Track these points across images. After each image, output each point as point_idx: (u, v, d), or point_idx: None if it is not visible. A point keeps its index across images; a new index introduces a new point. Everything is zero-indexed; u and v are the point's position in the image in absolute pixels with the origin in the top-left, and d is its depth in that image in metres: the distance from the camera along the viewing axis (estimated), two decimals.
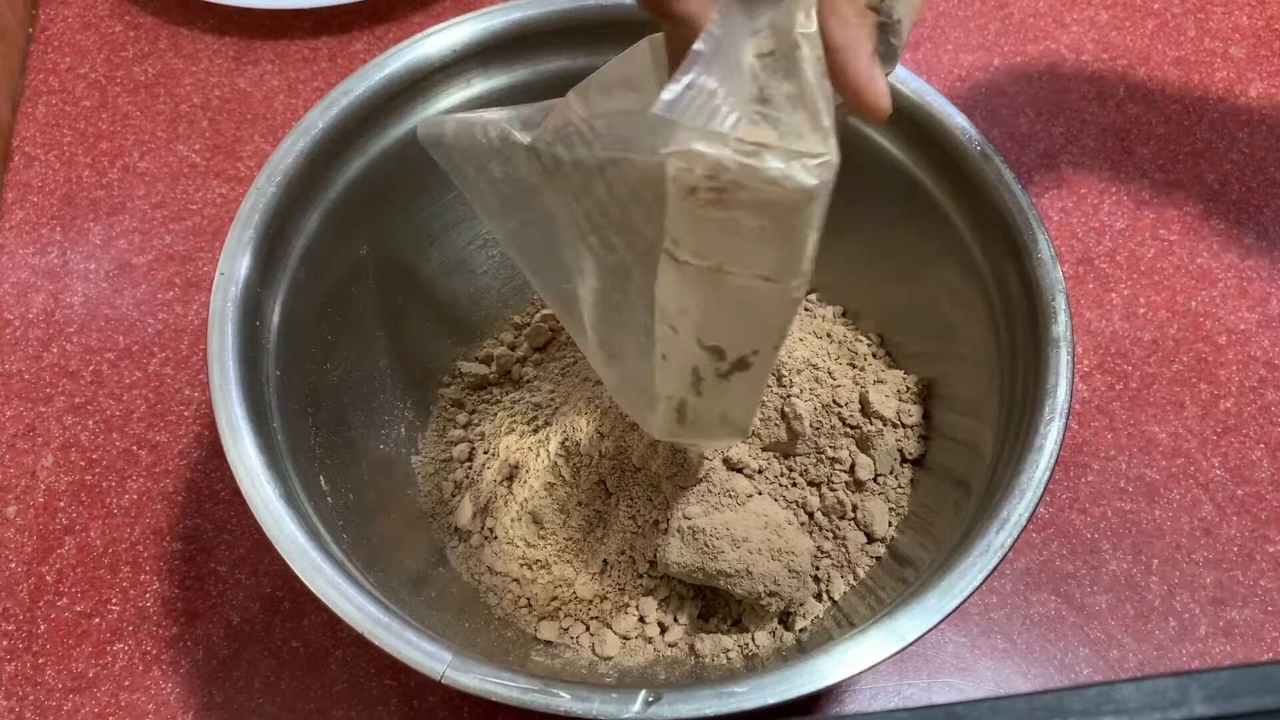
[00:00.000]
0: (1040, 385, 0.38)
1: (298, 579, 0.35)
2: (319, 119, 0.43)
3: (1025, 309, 0.40)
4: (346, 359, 0.46)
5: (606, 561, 0.45)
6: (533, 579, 0.45)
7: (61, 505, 0.50)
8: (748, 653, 0.43)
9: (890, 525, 0.45)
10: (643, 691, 0.33)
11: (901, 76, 0.44)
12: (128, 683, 0.46)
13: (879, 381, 0.47)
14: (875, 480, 0.46)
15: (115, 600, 0.48)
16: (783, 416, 0.46)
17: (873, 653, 0.34)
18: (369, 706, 0.45)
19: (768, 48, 0.27)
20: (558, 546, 0.46)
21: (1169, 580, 0.48)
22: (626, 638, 0.44)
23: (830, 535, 0.45)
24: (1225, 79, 0.63)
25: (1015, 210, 0.41)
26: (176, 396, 0.52)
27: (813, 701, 0.34)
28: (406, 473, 0.48)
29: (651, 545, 0.44)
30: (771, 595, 0.42)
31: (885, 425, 0.46)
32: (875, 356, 0.49)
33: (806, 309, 0.51)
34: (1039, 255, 0.40)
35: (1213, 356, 0.54)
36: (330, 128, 0.43)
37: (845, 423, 0.46)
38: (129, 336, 0.54)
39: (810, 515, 0.45)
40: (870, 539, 0.45)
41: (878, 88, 0.29)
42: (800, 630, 0.44)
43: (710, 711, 0.33)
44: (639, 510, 0.45)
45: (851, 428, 0.46)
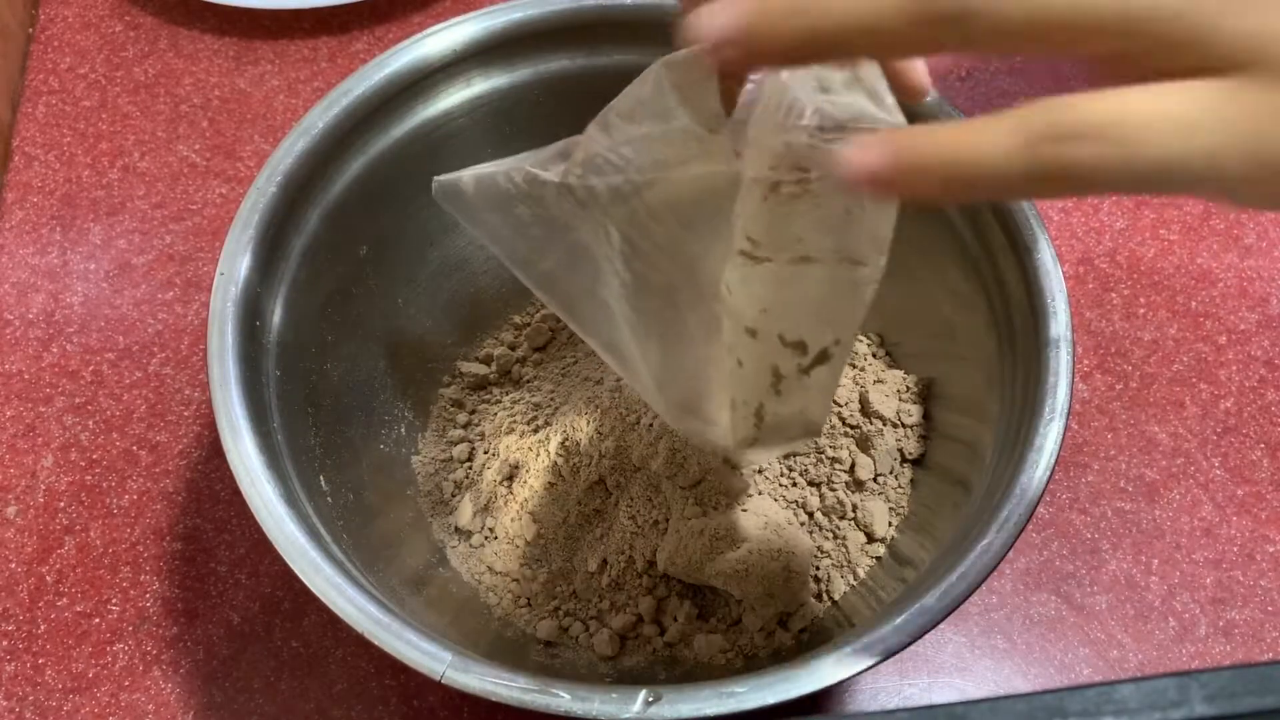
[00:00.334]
0: (1040, 385, 0.38)
1: (298, 579, 0.35)
2: (319, 119, 0.43)
3: (1025, 309, 0.40)
4: (346, 359, 0.46)
5: (606, 561, 0.45)
6: (533, 579, 0.45)
7: (61, 505, 0.50)
8: (747, 653, 0.43)
9: (890, 525, 0.45)
10: (643, 691, 0.33)
11: None
12: (128, 683, 0.46)
13: (879, 381, 0.47)
14: (875, 480, 0.46)
15: (115, 600, 0.48)
16: None
17: (873, 653, 0.34)
18: (369, 706, 0.45)
19: None
20: (558, 546, 0.46)
21: (1169, 580, 0.48)
22: (626, 637, 0.44)
23: (830, 535, 0.45)
24: None
25: (1015, 210, 0.41)
26: (176, 396, 0.52)
27: (813, 701, 0.34)
28: (406, 473, 0.48)
29: (651, 545, 0.44)
30: (771, 595, 0.42)
31: (885, 425, 0.46)
32: (875, 356, 0.49)
33: None
34: (1039, 255, 0.40)
35: (1213, 356, 0.54)
36: (330, 128, 0.43)
37: (845, 422, 0.46)
38: (129, 336, 0.54)
39: (810, 515, 0.45)
40: (870, 539, 0.45)
41: (918, 65, 0.30)
42: (800, 630, 0.44)
43: (710, 711, 0.33)
44: (639, 510, 0.45)
45: (851, 427, 0.46)
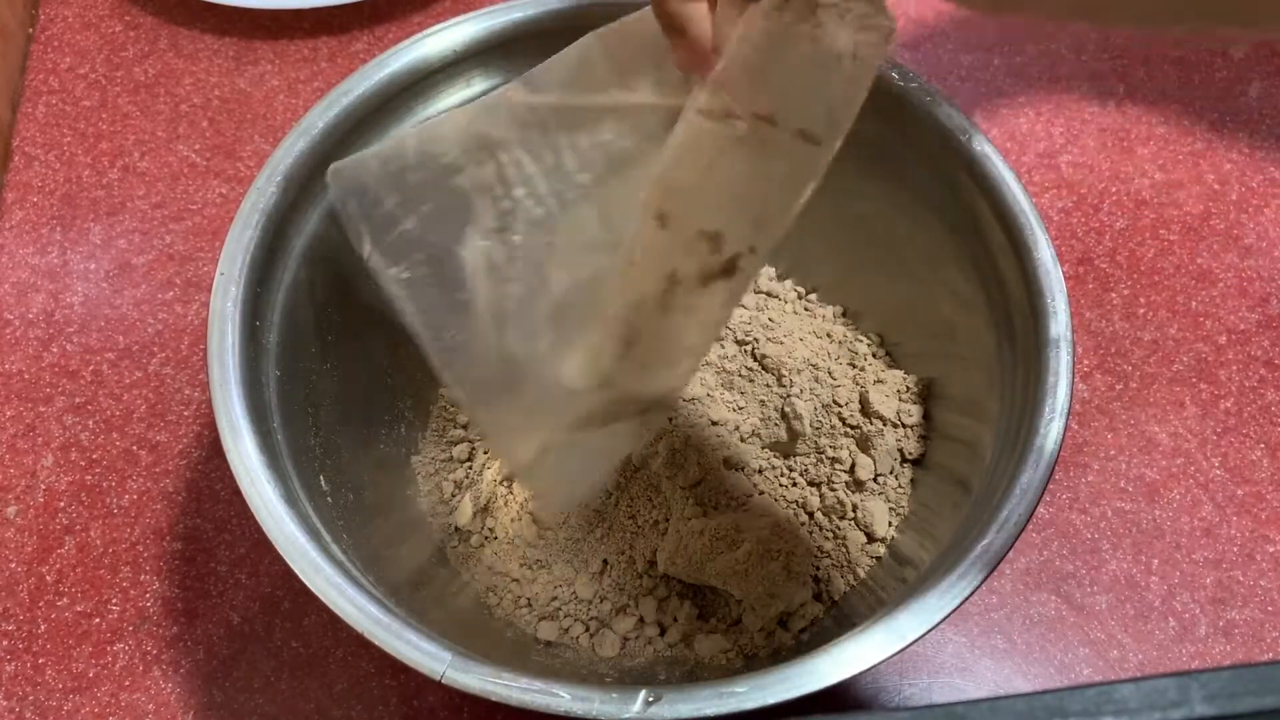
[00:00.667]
0: (1040, 385, 0.38)
1: (298, 579, 0.35)
2: (319, 119, 0.43)
3: (1025, 309, 0.40)
4: (347, 359, 0.46)
5: (606, 561, 0.45)
6: (533, 579, 0.45)
7: (61, 505, 0.50)
8: (747, 653, 0.43)
9: (890, 525, 0.45)
10: (643, 691, 0.33)
11: (900, 76, 0.44)
12: (128, 683, 0.46)
13: (879, 381, 0.47)
14: (875, 480, 0.46)
15: (115, 600, 0.48)
16: (783, 416, 0.46)
17: (873, 653, 0.34)
18: (369, 706, 0.45)
19: None
20: (558, 546, 0.46)
21: (1169, 580, 0.48)
22: (626, 638, 0.44)
23: (830, 535, 0.45)
24: (1225, 79, 0.63)
25: (1015, 210, 0.41)
26: (176, 396, 0.52)
27: (813, 701, 0.34)
28: (406, 473, 0.48)
29: (651, 545, 0.44)
30: (771, 595, 0.42)
31: (885, 425, 0.46)
32: (875, 356, 0.49)
33: (806, 309, 0.51)
34: (1039, 255, 0.40)
35: (1213, 356, 0.54)
36: (330, 128, 0.43)
37: (845, 423, 0.46)
38: (129, 336, 0.54)
39: (810, 515, 0.45)
40: (870, 539, 0.45)
41: None
42: (800, 630, 0.44)
43: (710, 711, 0.33)
44: (639, 510, 0.45)
45: (851, 428, 0.46)
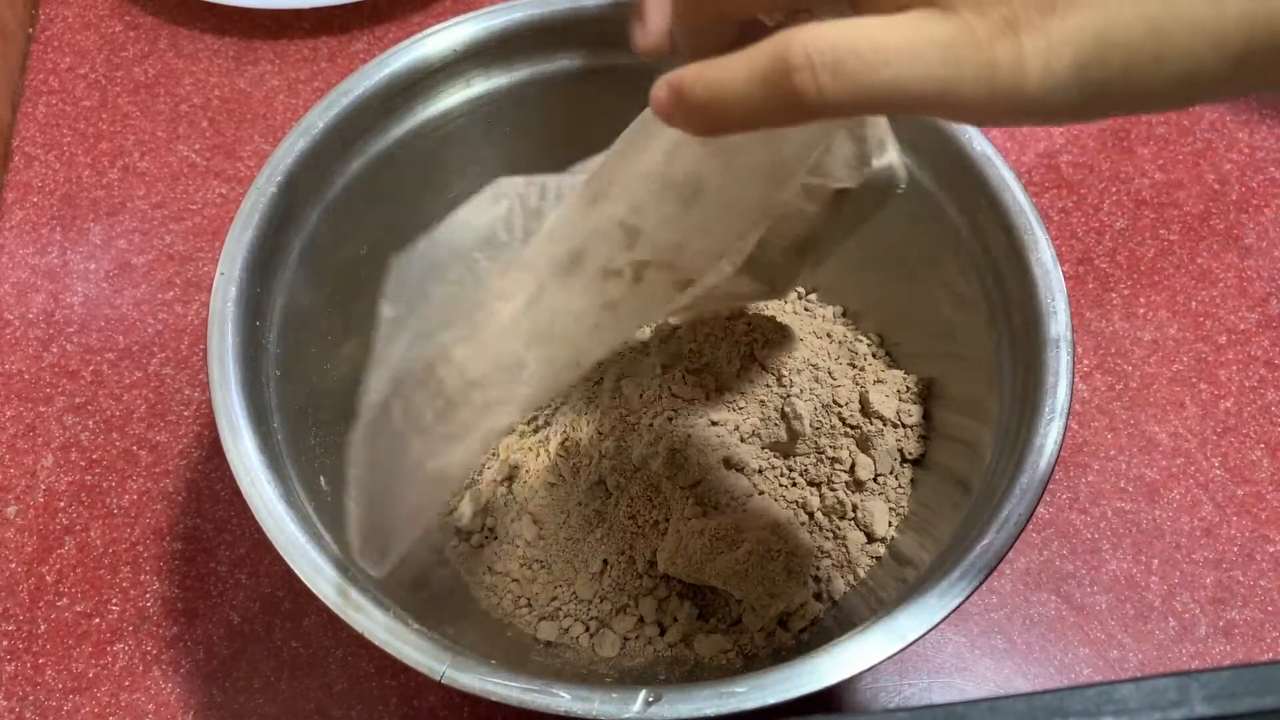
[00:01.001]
0: (1040, 385, 0.38)
1: (298, 579, 0.35)
2: (319, 119, 0.43)
3: (1025, 309, 0.40)
4: (347, 359, 0.46)
5: (606, 561, 0.45)
6: (533, 579, 0.45)
7: (61, 505, 0.50)
8: (747, 653, 0.43)
9: (890, 525, 0.45)
10: (643, 691, 0.33)
11: None
12: (128, 683, 0.46)
13: (879, 381, 0.47)
14: (875, 480, 0.46)
15: (115, 600, 0.48)
16: (783, 416, 0.46)
17: (873, 653, 0.34)
18: (369, 706, 0.45)
19: None
20: (558, 546, 0.45)
21: (1169, 580, 0.48)
22: (626, 638, 0.44)
23: (830, 535, 0.45)
24: None
25: (1015, 210, 0.41)
26: (176, 396, 0.52)
27: (812, 701, 0.34)
28: None
29: (651, 545, 0.44)
30: (771, 595, 0.42)
31: (885, 425, 0.46)
32: (875, 356, 0.49)
33: (806, 309, 0.51)
34: (1039, 255, 0.40)
35: (1213, 356, 0.54)
36: (330, 128, 0.43)
37: (845, 423, 0.46)
38: (129, 336, 0.54)
39: (810, 515, 0.45)
40: (870, 539, 0.45)
41: None
42: (800, 630, 0.44)
43: (710, 711, 0.33)
44: (639, 510, 0.45)
45: (851, 428, 0.46)
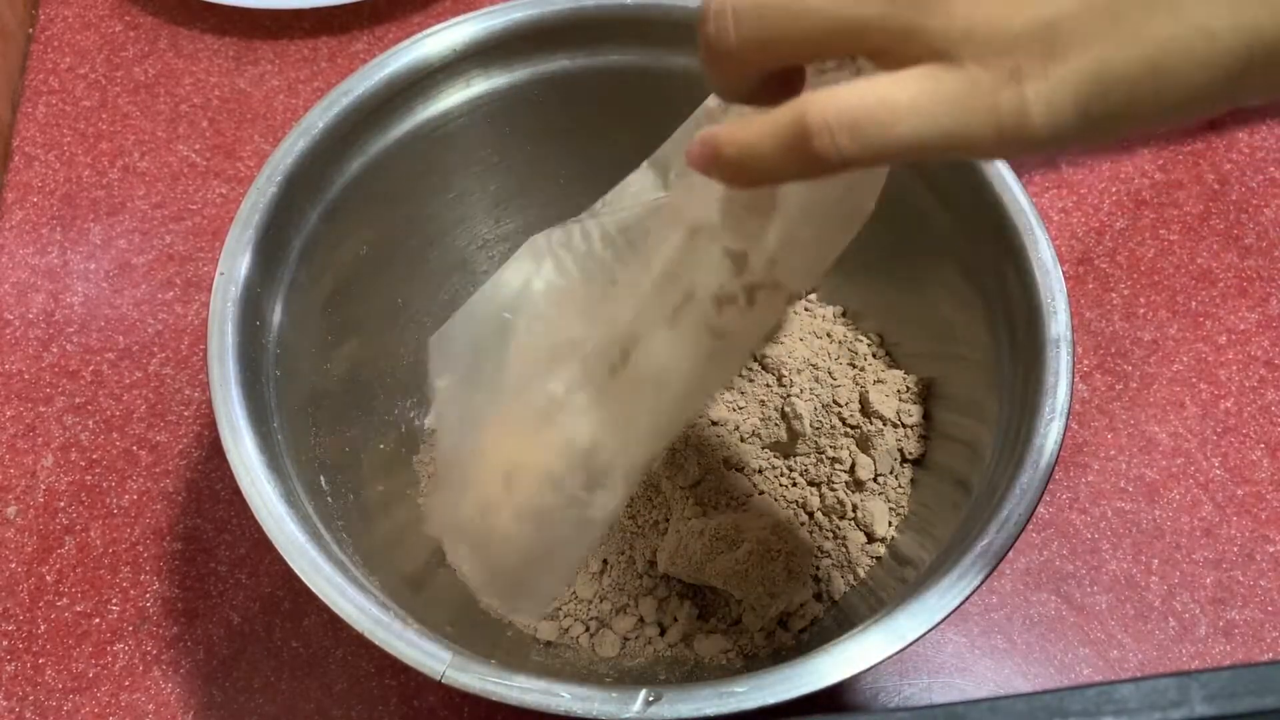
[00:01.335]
0: (1040, 385, 0.38)
1: (298, 579, 0.35)
2: (319, 119, 0.43)
3: (1025, 309, 0.40)
4: (346, 359, 0.46)
5: (606, 561, 0.45)
6: None
7: (61, 505, 0.50)
8: (747, 653, 0.43)
9: (890, 525, 0.45)
10: (643, 691, 0.33)
11: None
12: (128, 683, 0.46)
13: (879, 381, 0.47)
14: (875, 480, 0.46)
15: (115, 600, 0.48)
16: (783, 416, 0.46)
17: (873, 653, 0.34)
18: (369, 706, 0.45)
19: None
20: None
21: (1169, 580, 0.48)
22: (626, 638, 0.44)
23: (830, 535, 0.45)
24: None
25: (1015, 210, 0.41)
26: (176, 396, 0.52)
27: (812, 701, 0.34)
28: (407, 473, 0.48)
29: (651, 545, 0.44)
30: (771, 595, 0.42)
31: (885, 425, 0.46)
32: (875, 356, 0.49)
33: (806, 309, 0.51)
34: (1039, 255, 0.40)
35: (1213, 356, 0.54)
36: (330, 128, 0.43)
37: (845, 423, 0.46)
38: (129, 336, 0.54)
39: (810, 515, 0.45)
40: (870, 539, 0.45)
41: None
42: (800, 630, 0.44)
43: (710, 711, 0.33)
44: (639, 510, 0.45)
45: (851, 428, 0.46)
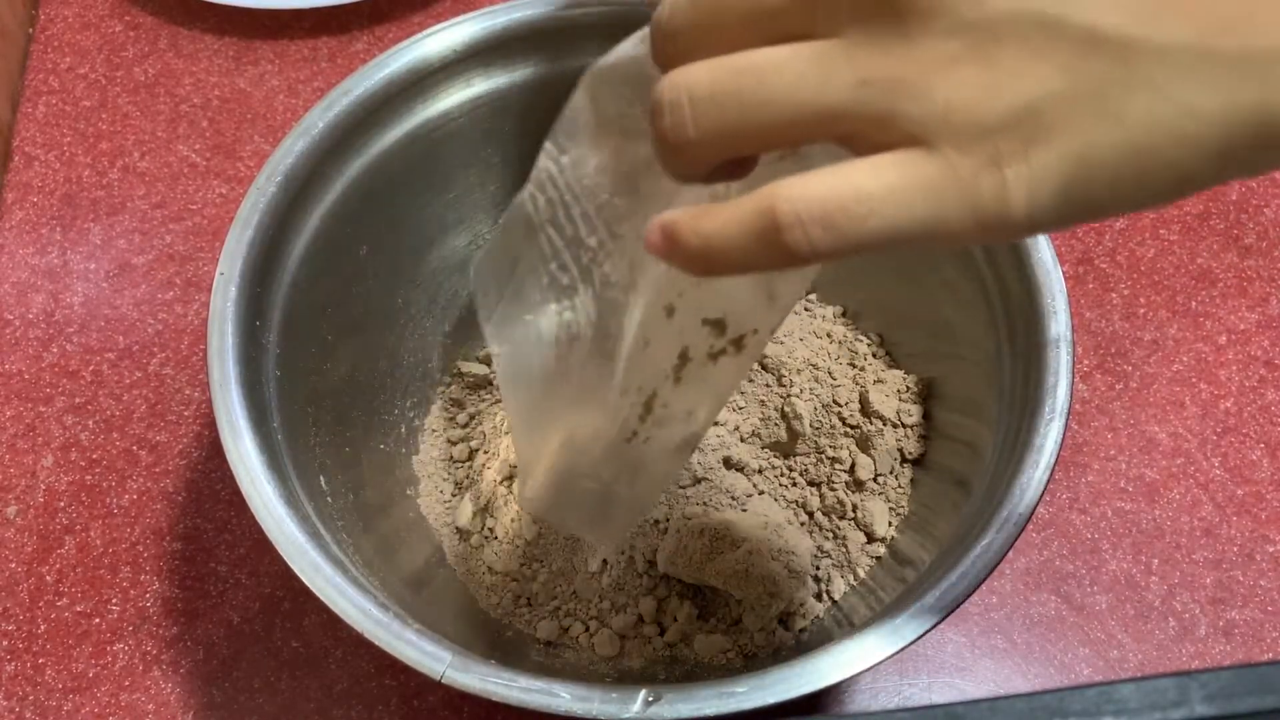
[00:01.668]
0: (1040, 385, 0.38)
1: (298, 579, 0.35)
2: (319, 119, 0.43)
3: (1025, 309, 0.40)
4: (346, 359, 0.46)
5: (606, 561, 0.45)
6: (533, 578, 0.45)
7: (61, 505, 0.50)
8: (747, 653, 0.43)
9: (890, 525, 0.45)
10: (643, 691, 0.33)
11: None
12: (128, 683, 0.46)
13: (879, 381, 0.47)
14: (875, 480, 0.46)
15: (115, 600, 0.48)
16: (783, 416, 0.46)
17: (873, 653, 0.34)
18: (369, 706, 0.45)
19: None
20: (557, 545, 0.46)
21: (1169, 580, 0.48)
22: (626, 638, 0.44)
23: (830, 535, 0.45)
24: None
25: None
26: (176, 396, 0.52)
27: (813, 701, 0.34)
28: (406, 473, 0.48)
29: (651, 545, 0.44)
30: (771, 595, 0.42)
31: (885, 425, 0.46)
32: (875, 356, 0.49)
33: (806, 309, 0.51)
34: (1039, 255, 0.40)
35: (1213, 356, 0.54)
36: (330, 128, 0.43)
37: (845, 422, 0.46)
38: (129, 336, 0.54)
39: (810, 515, 0.45)
40: (870, 539, 0.45)
41: None
42: (800, 630, 0.44)
43: (710, 711, 0.33)
44: None
45: (851, 427, 0.46)
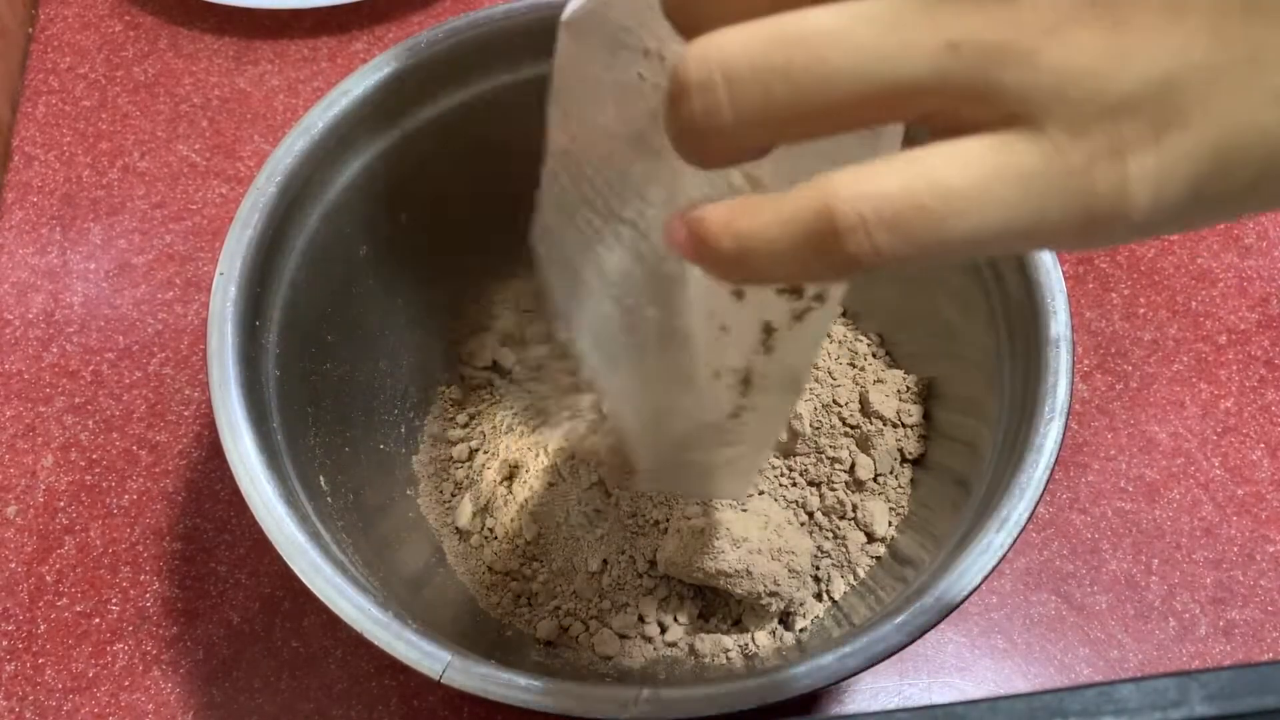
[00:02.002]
0: (1040, 385, 0.38)
1: (298, 579, 0.35)
2: (319, 119, 0.43)
3: (1025, 309, 0.40)
4: (346, 359, 0.46)
5: (606, 561, 0.45)
6: (532, 578, 0.45)
7: (61, 505, 0.50)
8: (748, 653, 0.43)
9: (890, 525, 0.45)
10: (643, 691, 0.33)
11: None
12: (128, 683, 0.46)
13: (879, 381, 0.47)
14: (875, 480, 0.46)
15: (115, 600, 0.48)
16: None
17: (873, 652, 0.34)
18: (369, 706, 0.45)
19: None
20: (557, 546, 0.46)
21: (1169, 580, 0.48)
22: (626, 637, 0.44)
23: (830, 535, 0.45)
24: None
25: None
26: (176, 396, 0.52)
27: (813, 701, 0.34)
28: (406, 473, 0.48)
29: (651, 545, 0.44)
30: (771, 595, 0.42)
31: (885, 425, 0.46)
32: (875, 356, 0.49)
33: None
34: (1039, 255, 0.40)
35: (1213, 356, 0.54)
36: (330, 128, 0.43)
37: (845, 422, 0.46)
38: (129, 336, 0.54)
39: (810, 515, 0.45)
40: (870, 539, 0.45)
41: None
42: (800, 630, 0.44)
43: (710, 711, 0.33)
44: (639, 509, 0.45)
45: (851, 427, 0.46)
